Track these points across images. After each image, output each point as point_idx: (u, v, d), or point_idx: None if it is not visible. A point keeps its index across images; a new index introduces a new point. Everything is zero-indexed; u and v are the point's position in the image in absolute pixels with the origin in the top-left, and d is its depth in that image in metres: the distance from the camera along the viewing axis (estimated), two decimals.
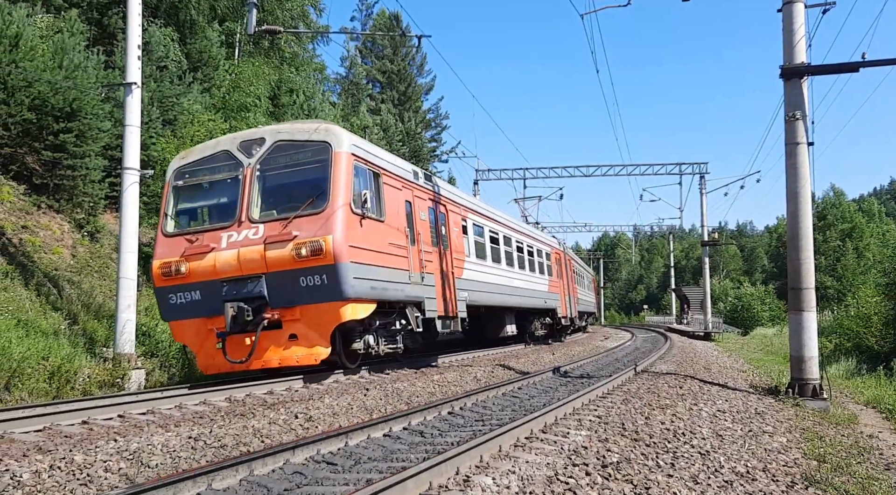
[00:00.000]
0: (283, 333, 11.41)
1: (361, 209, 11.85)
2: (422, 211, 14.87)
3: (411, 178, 14.71)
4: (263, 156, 11.98)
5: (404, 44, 54.90)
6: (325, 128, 12.06)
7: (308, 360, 11.31)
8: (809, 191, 12.11)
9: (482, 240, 19.50)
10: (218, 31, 26.18)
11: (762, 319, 60.92)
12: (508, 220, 23.52)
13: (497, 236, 21.10)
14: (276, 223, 11.44)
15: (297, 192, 11.76)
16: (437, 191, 16.28)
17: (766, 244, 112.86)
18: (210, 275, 11.50)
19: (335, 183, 11.49)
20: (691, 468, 6.27)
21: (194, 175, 12.50)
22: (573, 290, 32.96)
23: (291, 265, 11.14)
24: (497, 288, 19.87)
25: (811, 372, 11.73)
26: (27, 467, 5.74)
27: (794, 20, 12.06)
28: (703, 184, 41.14)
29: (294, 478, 5.84)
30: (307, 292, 11.20)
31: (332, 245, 11.03)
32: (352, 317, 11.45)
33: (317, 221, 11.24)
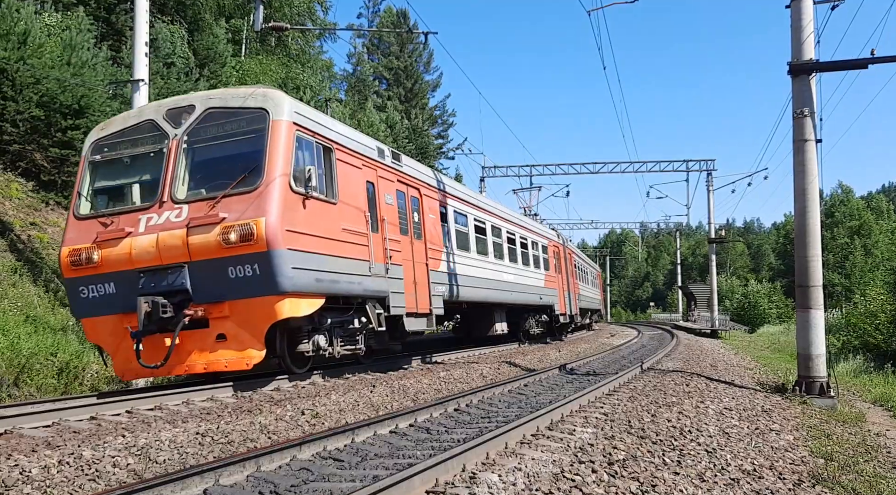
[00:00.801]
0: (210, 333, 9.90)
1: (305, 188, 10.28)
2: (388, 194, 13.23)
3: (374, 156, 13.01)
4: (192, 125, 10.43)
5: (411, 40, 54.88)
6: (262, 93, 10.52)
7: (238, 365, 9.86)
8: (817, 189, 12.07)
9: (465, 230, 17.90)
10: (225, 27, 26.22)
11: (769, 317, 60.73)
12: (498, 209, 21.82)
13: (483, 226, 19.46)
14: (202, 204, 9.92)
15: (229, 168, 10.22)
16: (409, 174, 14.63)
17: (773, 241, 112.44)
18: (125, 265, 9.96)
19: (272, 156, 9.95)
20: (698, 466, 6.27)
21: (114, 148, 10.87)
22: (574, 286, 31.37)
23: (218, 253, 9.63)
24: (483, 282, 18.31)
25: (818, 370, 11.70)
26: (36, 462, 5.77)
27: (802, 16, 12.01)
28: (710, 181, 41.05)
29: (301, 474, 5.87)
30: (237, 285, 9.70)
31: (264, 229, 9.52)
32: (291, 313, 9.99)
33: (248, 201, 9.73)
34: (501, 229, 21.08)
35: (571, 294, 29.94)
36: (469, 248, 17.76)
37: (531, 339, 25.04)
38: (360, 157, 12.31)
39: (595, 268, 50.16)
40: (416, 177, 14.89)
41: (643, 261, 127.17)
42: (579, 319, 33.44)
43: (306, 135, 10.74)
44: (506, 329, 21.28)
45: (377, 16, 57.44)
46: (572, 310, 29.52)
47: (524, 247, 23.46)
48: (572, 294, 30.15)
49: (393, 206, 13.39)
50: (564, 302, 27.89)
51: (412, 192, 14.56)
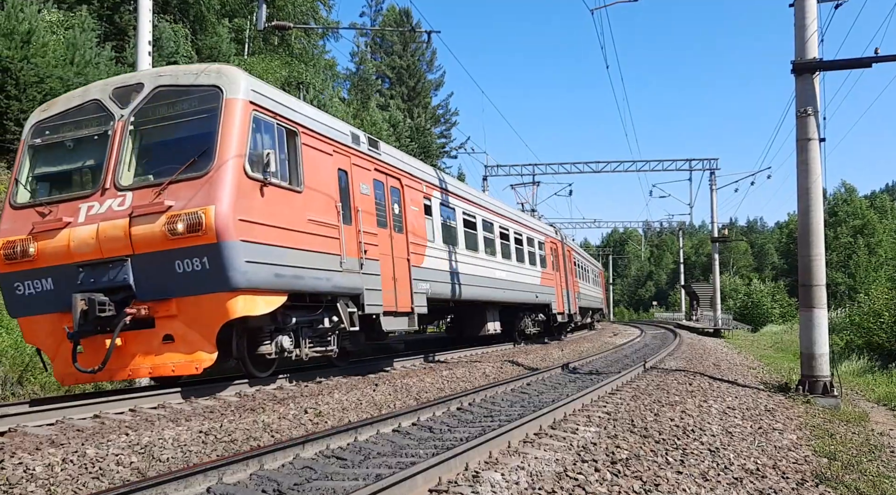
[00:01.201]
0: (156, 334, 9.11)
1: (263, 173, 9.48)
2: (363, 183, 12.28)
3: (348, 142, 12.05)
4: (140, 105, 9.58)
5: (414, 39, 54.87)
6: (215, 69, 9.69)
7: (187, 369, 9.04)
8: (821, 188, 12.05)
9: (452, 224, 16.90)
10: (228, 26, 26.27)
11: (772, 316, 60.65)
12: (490, 203, 20.85)
13: (473, 220, 18.45)
14: (148, 191, 9.10)
15: (179, 151, 9.38)
16: (389, 162, 13.69)
17: (776, 240, 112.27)
18: (63, 259, 9.14)
19: (224, 137, 9.11)
20: (701, 465, 6.26)
21: (56, 131, 10.02)
22: (573, 284, 30.47)
23: (164, 245, 8.81)
24: (472, 279, 17.33)
25: (822, 370, 11.69)
26: (40, 460, 5.79)
27: (806, 15, 11.99)
28: (713, 180, 40.97)
29: (304, 473, 5.87)
30: (185, 281, 8.90)
31: (214, 218, 8.68)
32: (246, 312, 9.20)
33: (197, 188, 8.89)
34: (493, 224, 20.15)
35: (570, 292, 29.04)
36: (457, 243, 16.87)
37: (527, 339, 24.28)
38: (330, 143, 11.42)
39: (597, 267, 48.98)
40: (396, 167, 13.97)
41: (646, 260, 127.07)
42: (579, 318, 32.54)
43: (265, 115, 9.89)
44: (499, 328, 20.44)
45: (380, 14, 57.48)
46: (571, 308, 28.70)
47: (518, 244, 22.51)
48: (571, 292, 29.30)
49: (369, 197, 12.48)
50: (562, 300, 27.04)
51: (392, 182, 13.66)
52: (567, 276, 28.86)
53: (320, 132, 11.22)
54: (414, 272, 13.86)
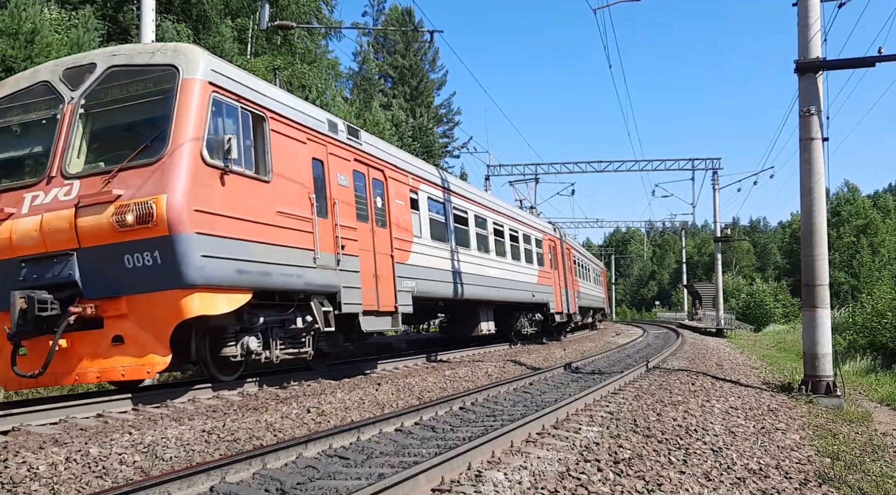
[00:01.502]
0: (105, 335, 8.39)
1: (223, 160, 8.77)
2: (341, 174, 11.58)
3: (324, 130, 11.34)
4: (92, 87, 8.91)
5: (416, 39, 54.88)
6: (172, 48, 9.05)
7: (138, 373, 8.31)
8: (824, 187, 12.04)
9: (442, 219, 16.05)
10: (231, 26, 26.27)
11: (775, 316, 60.57)
12: (483, 198, 20.01)
13: (465, 215, 17.64)
14: (96, 179, 8.40)
15: (132, 136, 8.74)
16: (371, 153, 12.92)
17: (779, 240, 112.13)
18: (5, 253, 8.50)
19: (179, 120, 8.45)
20: (704, 464, 6.26)
21: (2, 115, 9.37)
22: (573, 283, 29.62)
23: (112, 237, 8.13)
24: (463, 277, 16.60)
25: (825, 370, 11.67)
26: (43, 459, 5.80)
27: (809, 15, 11.98)
28: (715, 180, 40.94)
29: (307, 472, 5.89)
30: (136, 277, 8.19)
31: (165, 208, 8.01)
32: (203, 311, 8.46)
33: (149, 175, 8.22)
34: (487, 220, 19.33)
35: (569, 291, 28.15)
36: (446, 239, 16.08)
37: (524, 340, 23.57)
38: (304, 130, 10.71)
39: (598, 265, 47.96)
40: (379, 158, 13.23)
41: (648, 259, 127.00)
42: (579, 318, 31.69)
43: (228, 98, 9.18)
44: (493, 329, 19.73)
45: (382, 14, 57.47)
46: (570, 308, 27.84)
47: (514, 241, 21.69)
48: (570, 291, 28.44)
49: (348, 189, 11.75)
50: (561, 299, 26.19)
51: (375, 174, 12.93)
52: (566, 275, 28.02)
53: (292, 118, 10.52)
54: (398, 269, 13.15)
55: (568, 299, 27.42)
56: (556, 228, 28.86)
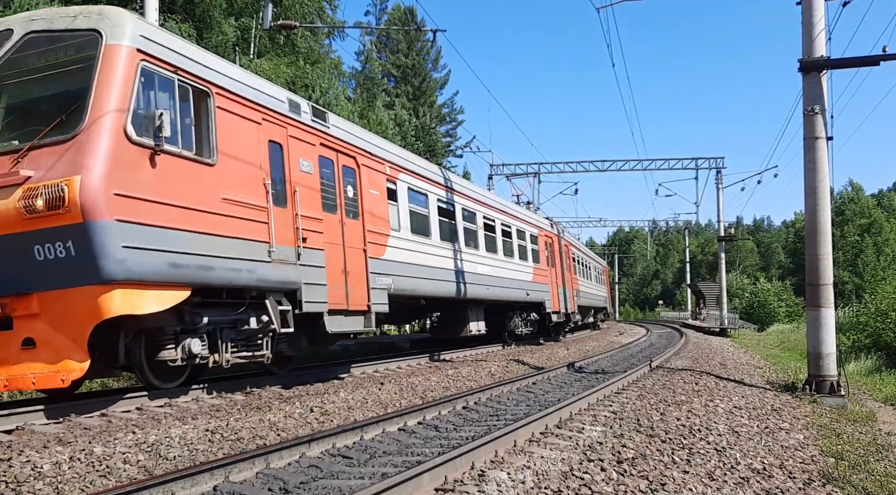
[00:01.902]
0: (14, 338, 7.45)
1: (154, 138, 7.82)
2: (304, 159, 10.54)
3: (283, 110, 10.27)
4: (7, 56, 7.98)
5: (419, 38, 54.88)
6: (97, 11, 7.99)
7: (52, 381, 7.31)
8: (828, 186, 12.01)
9: (424, 212, 15.10)
10: (234, 26, 26.27)
11: (779, 315, 60.47)
12: (472, 190, 19.01)
13: (451, 208, 16.61)
14: (4, 159, 7.50)
15: (48, 110, 7.81)
16: (341, 138, 11.86)
17: (783, 239, 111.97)
18: None
19: (100, 92, 7.48)
20: (707, 464, 6.25)
21: None
22: (571, 282, 28.55)
23: (20, 226, 7.23)
24: (447, 274, 15.71)
25: (829, 369, 11.65)
26: (48, 458, 5.82)
27: (813, 13, 11.95)
28: (719, 179, 40.91)
29: (310, 472, 5.89)
30: (48, 270, 7.28)
31: (79, 191, 7.04)
32: (127, 309, 7.49)
33: (63, 153, 7.28)
34: (476, 214, 18.30)
35: (567, 290, 27.18)
36: (429, 233, 15.15)
37: (518, 341, 22.82)
38: (258, 109, 9.65)
39: (600, 264, 46.71)
40: (350, 143, 12.15)
41: (652, 259, 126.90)
42: (578, 318, 30.72)
43: (161, 68, 8.19)
44: (483, 329, 18.78)
45: (385, 13, 57.47)
46: (569, 307, 26.88)
47: (507, 236, 20.76)
48: (569, 290, 27.49)
49: (312, 176, 10.72)
50: (558, 298, 25.21)
51: (345, 161, 11.89)
52: (564, 273, 27.04)
53: (243, 95, 9.45)
54: (372, 264, 12.17)
55: (566, 298, 26.49)
56: (553, 224, 27.73)
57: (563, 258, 27.31)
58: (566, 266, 27.82)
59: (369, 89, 44.97)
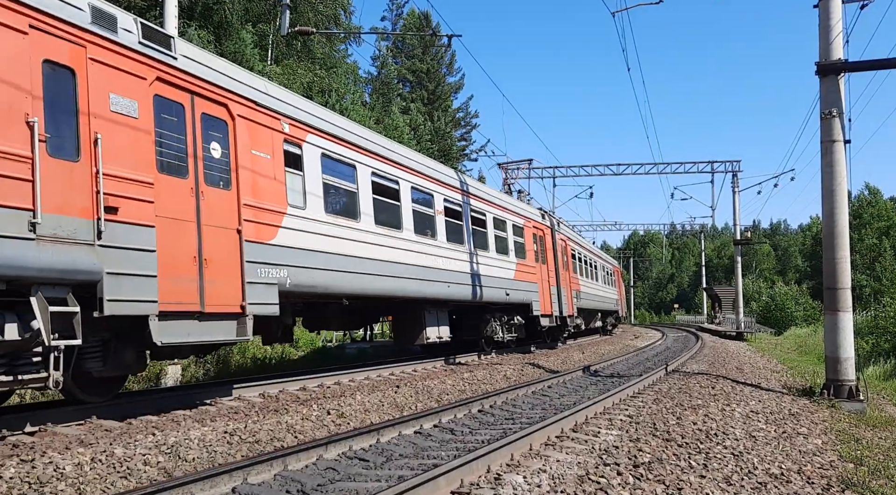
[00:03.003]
0: None
1: None
2: (120, 96, 7.69)
3: (80, 22, 7.40)
4: None
5: (434, 43, 55.01)
6: None
7: None
8: (846, 190, 11.94)
9: (348, 187, 11.97)
10: (251, 32, 26.50)
11: (796, 319, 59.96)
12: (429, 167, 15.48)
13: (393, 186, 13.40)
14: None
15: None
16: (200, 75, 8.88)
17: (799, 243, 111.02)
18: None
19: None
20: (724, 469, 6.23)
21: None
22: (569, 281, 25.26)
23: None
24: (389, 268, 12.70)
25: (847, 374, 11.56)
26: (70, 459, 5.90)
27: (830, 16, 11.89)
28: (735, 183, 40.60)
29: (327, 474, 5.94)
30: None
31: None
32: None
33: None
34: (433, 196, 15.04)
35: (564, 290, 23.82)
36: (357, 215, 12.03)
37: (498, 347, 19.70)
38: (24, 12, 6.81)
39: (610, 263, 42.33)
40: (220, 86, 9.18)
41: (667, 262, 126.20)
42: (580, 322, 27.63)
43: None
44: (446, 334, 15.72)
45: (400, 18, 57.71)
46: (564, 310, 23.44)
47: (479, 225, 17.44)
48: (566, 290, 24.24)
49: (138, 121, 7.88)
50: (549, 300, 21.83)
51: (208, 109, 8.97)
52: (559, 271, 23.60)
53: None
54: (253, 251, 9.24)
55: (560, 299, 23.10)
56: (546, 215, 24.12)
57: (557, 254, 23.96)
58: (562, 263, 24.57)
59: (385, 94, 45.16)
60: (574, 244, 28.07)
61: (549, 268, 22.55)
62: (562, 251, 24.81)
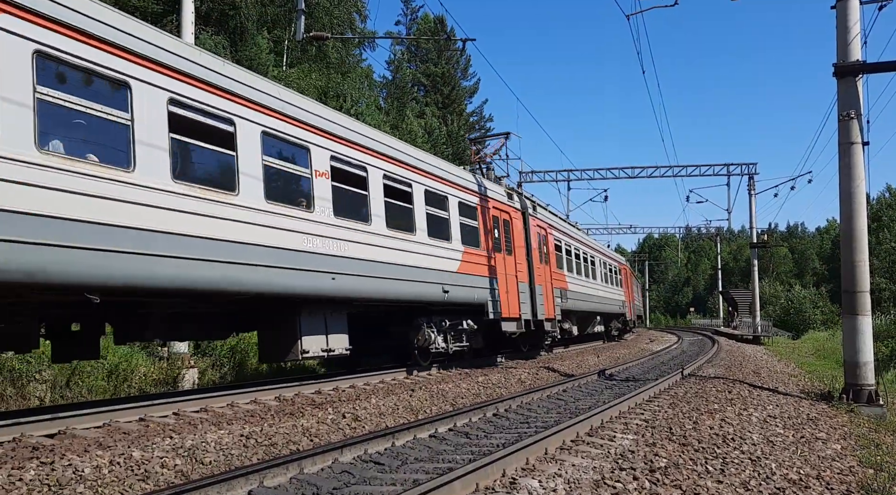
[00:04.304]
0: None
1: None
2: None
3: None
4: None
5: (448, 47, 55.09)
6: None
7: None
8: (864, 192, 11.84)
9: (118, 118, 7.56)
10: (267, 38, 26.70)
11: (814, 323, 59.41)
12: (301, 110, 10.62)
13: (228, 131, 9.04)
14: None
15: None
16: None
17: (817, 246, 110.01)
18: None
19: None
20: (741, 474, 6.19)
21: None
22: (551, 278, 20.47)
23: None
24: (211, 248, 8.52)
25: (866, 378, 11.45)
26: (88, 462, 5.96)
27: (848, 17, 11.80)
28: (751, 185, 40.32)
29: (342, 477, 5.96)
30: None
31: None
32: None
33: None
34: (310, 150, 10.58)
35: (541, 288, 19.04)
36: (130, 164, 7.62)
37: (443, 361, 15.32)
38: None
39: (615, 260, 36.27)
40: None
41: (683, 265, 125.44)
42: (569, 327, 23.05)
43: None
44: (342, 345, 11.52)
45: (415, 23, 57.89)
46: (540, 312, 18.55)
47: (401, 199, 13.00)
48: (543, 288, 19.33)
49: None
50: (517, 300, 17.17)
51: None
52: (532, 265, 18.66)
53: None
54: None
55: (534, 300, 18.38)
56: (516, 195, 19.17)
57: (533, 244, 19.13)
58: (540, 256, 19.76)
59: (399, 98, 45.31)
60: (560, 234, 23.22)
61: (518, 260, 17.83)
62: (539, 241, 20.03)
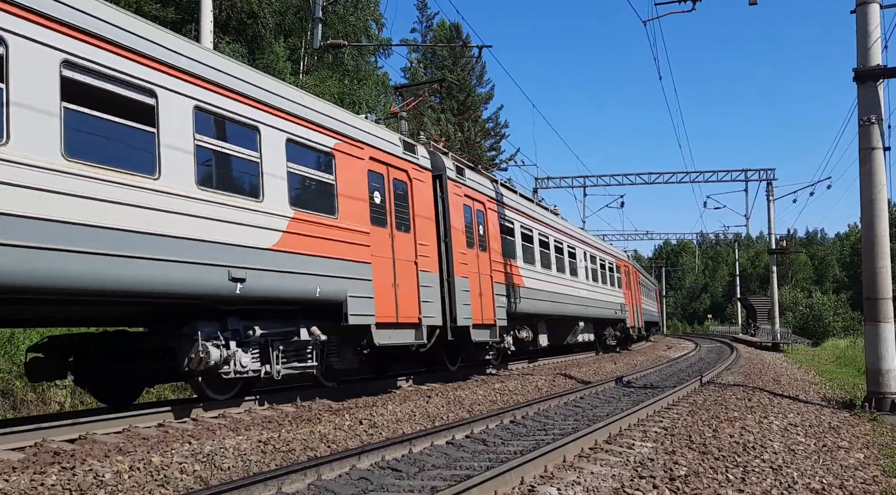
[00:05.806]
0: None
1: None
2: None
3: None
4: None
5: (464, 54, 55.23)
6: None
7: None
8: (886, 198, 11.71)
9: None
10: (284, 46, 26.89)
11: (835, 330, 58.75)
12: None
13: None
14: None
15: None
16: None
17: (837, 252, 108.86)
18: None
19: None
20: (763, 483, 6.11)
21: None
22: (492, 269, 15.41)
23: None
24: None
25: (889, 386, 11.30)
26: (109, 467, 6.00)
27: (868, 21, 11.70)
28: (769, 191, 40.01)
29: (360, 484, 5.96)
30: None
31: None
32: None
33: None
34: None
35: (468, 282, 14.06)
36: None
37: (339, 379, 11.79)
38: None
39: (611, 254, 30.71)
40: None
41: (700, 272, 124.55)
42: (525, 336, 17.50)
43: None
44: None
45: (430, 30, 58.09)
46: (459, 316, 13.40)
47: (125, 115, 7.38)
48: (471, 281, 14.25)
49: None
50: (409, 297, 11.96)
51: None
52: (450, 250, 13.65)
53: None
54: None
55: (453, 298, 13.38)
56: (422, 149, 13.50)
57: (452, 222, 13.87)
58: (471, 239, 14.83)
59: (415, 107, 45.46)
60: (514, 213, 17.77)
61: (421, 240, 12.65)
62: (469, 217, 14.97)
